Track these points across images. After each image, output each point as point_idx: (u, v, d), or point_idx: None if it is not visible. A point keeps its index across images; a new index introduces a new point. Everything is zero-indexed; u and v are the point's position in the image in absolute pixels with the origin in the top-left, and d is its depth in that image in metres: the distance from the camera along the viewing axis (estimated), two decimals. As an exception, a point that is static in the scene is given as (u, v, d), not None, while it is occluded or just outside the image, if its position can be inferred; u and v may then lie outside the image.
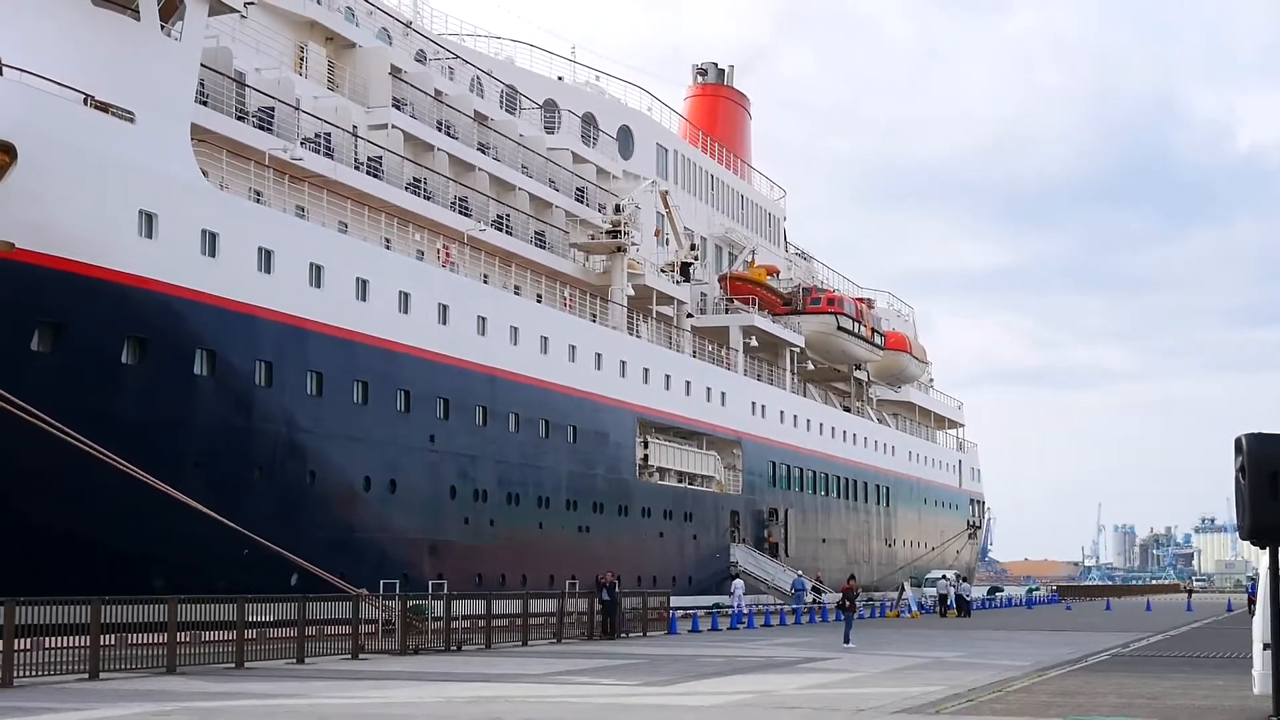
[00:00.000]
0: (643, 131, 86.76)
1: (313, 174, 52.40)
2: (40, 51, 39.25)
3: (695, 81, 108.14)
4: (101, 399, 39.76)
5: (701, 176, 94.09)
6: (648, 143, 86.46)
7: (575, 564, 60.78)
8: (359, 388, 51.01)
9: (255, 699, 25.94)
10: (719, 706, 25.61)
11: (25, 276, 38.26)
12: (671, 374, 76.14)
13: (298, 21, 58.40)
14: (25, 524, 37.20)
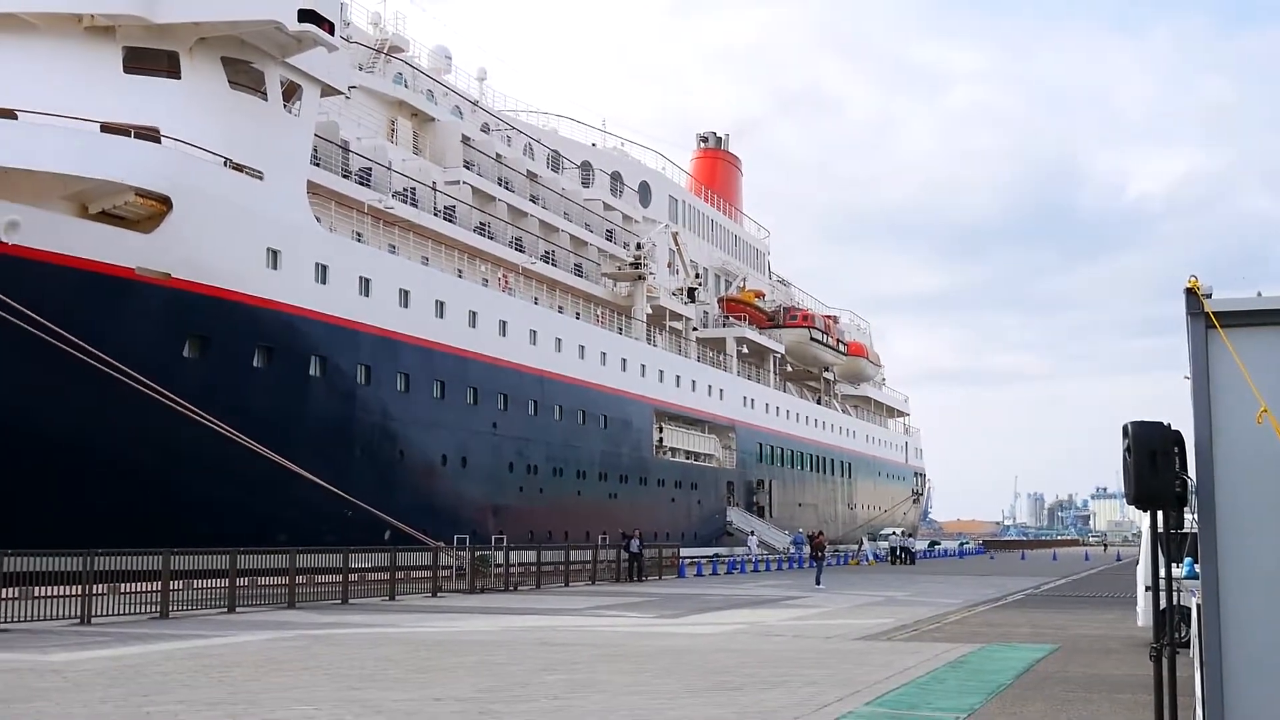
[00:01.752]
0: (658, 186, 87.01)
1: (401, 219, 52.54)
2: (191, 124, 39.38)
3: (699, 146, 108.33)
4: (237, 395, 39.82)
5: (704, 220, 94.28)
6: (662, 195, 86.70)
7: (606, 523, 60.95)
8: (437, 385, 51.14)
9: (357, 628, 26.01)
10: (719, 634, 25.64)
11: (178, 299, 38.42)
12: (681, 374, 76.24)
13: (390, 101, 58.61)
14: (178, 492, 37.35)
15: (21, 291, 33.24)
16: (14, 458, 33.98)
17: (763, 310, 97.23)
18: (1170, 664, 8.91)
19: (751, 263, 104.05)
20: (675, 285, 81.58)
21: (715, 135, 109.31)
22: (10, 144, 36.03)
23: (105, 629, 25.13)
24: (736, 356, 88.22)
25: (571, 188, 74.15)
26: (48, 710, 13.97)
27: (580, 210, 72.76)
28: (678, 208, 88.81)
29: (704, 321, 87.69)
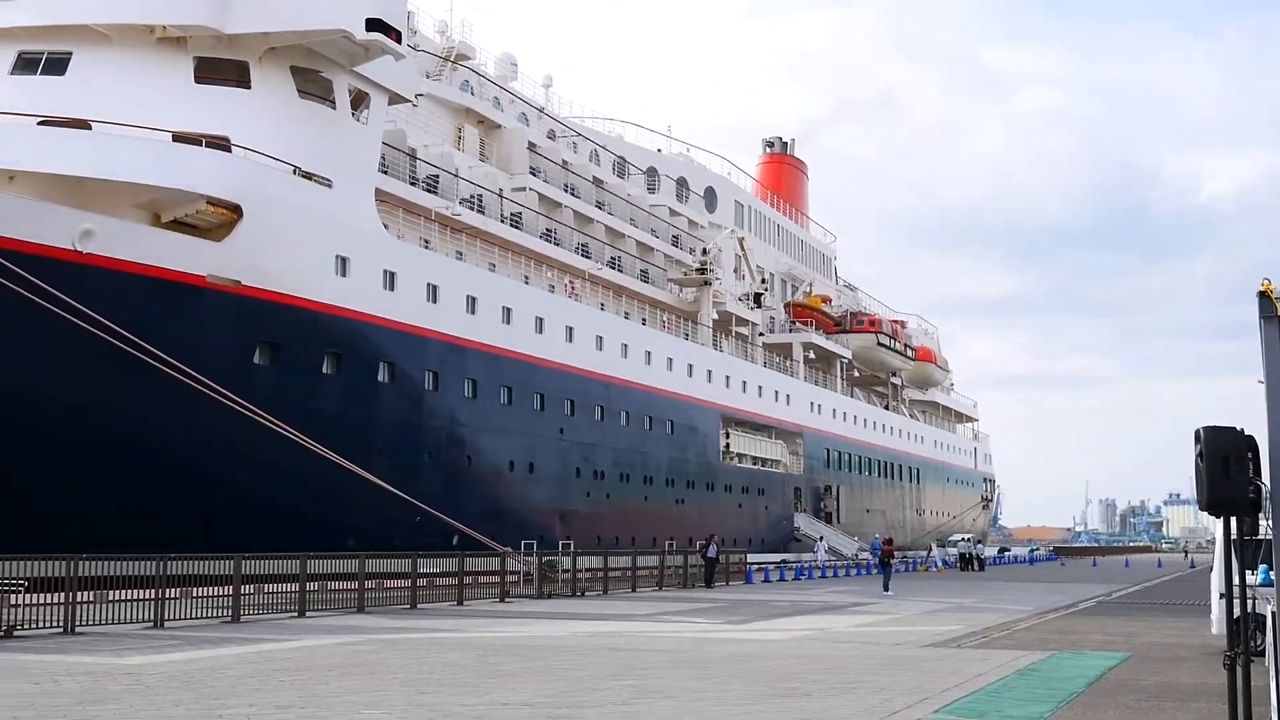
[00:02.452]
0: (724, 191, 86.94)
1: (469, 226, 52.73)
2: (261, 133, 39.70)
3: (764, 151, 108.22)
4: (307, 400, 40.09)
5: (769, 225, 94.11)
6: (728, 200, 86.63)
7: (673, 528, 60.97)
8: (505, 391, 51.29)
9: (426, 632, 26.11)
10: (787, 640, 25.55)
11: (249, 306, 38.75)
12: (747, 380, 76.09)
13: (456, 108, 58.87)
14: (250, 497, 37.63)
15: (96, 299, 33.60)
16: (89, 463, 34.38)
17: (829, 315, 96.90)
18: (1245, 672, 8.81)
19: (818, 267, 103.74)
20: (741, 290, 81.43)
21: (781, 140, 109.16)
22: (84, 154, 36.50)
23: (178, 632, 25.38)
24: (803, 362, 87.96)
25: (637, 193, 74.19)
26: (121, 712, 14.13)
27: (646, 216, 72.75)
28: (743, 213, 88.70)
29: (770, 327, 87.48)
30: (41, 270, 32.82)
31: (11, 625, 24.42)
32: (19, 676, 17.63)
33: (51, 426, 33.85)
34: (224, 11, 39.41)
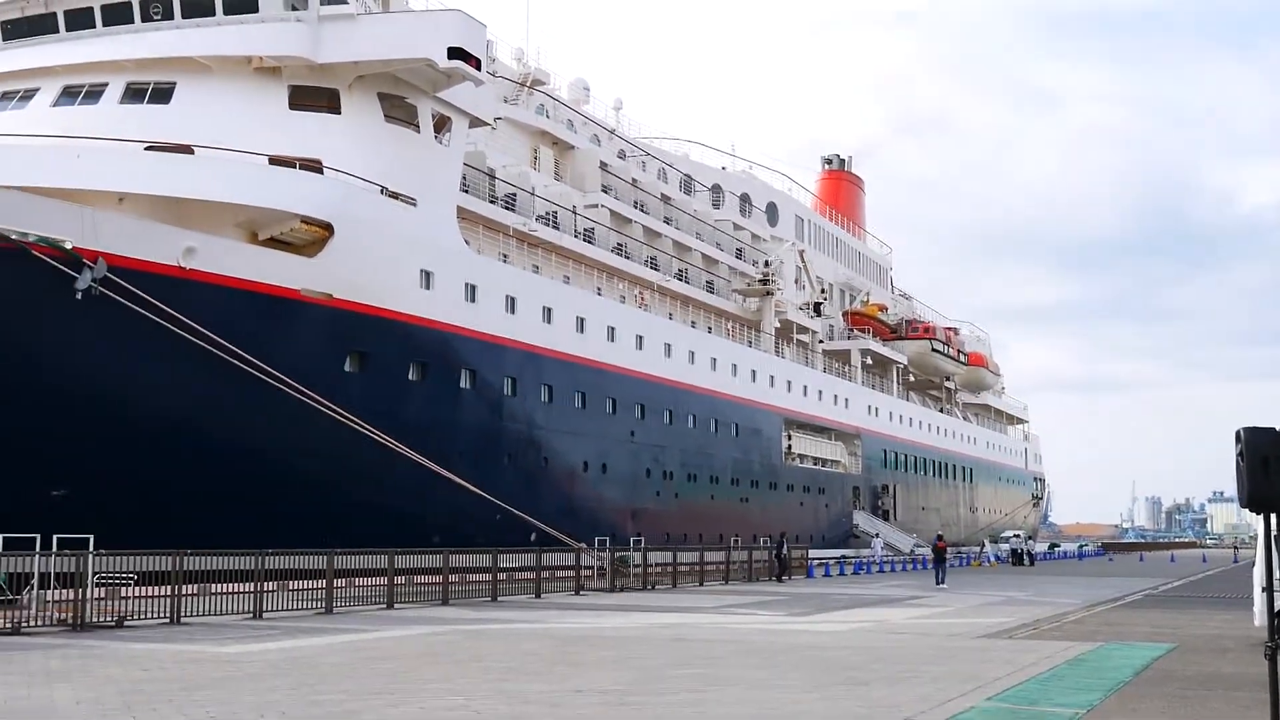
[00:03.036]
0: (785, 206, 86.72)
1: (544, 241, 52.90)
2: (350, 156, 39.99)
3: (823, 168, 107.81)
4: (395, 406, 40.32)
5: (828, 239, 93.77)
6: (789, 214, 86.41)
7: (738, 526, 60.84)
8: (579, 396, 51.38)
9: (506, 623, 26.23)
10: (846, 631, 25.45)
11: (340, 318, 39.02)
12: (808, 385, 75.80)
13: (533, 131, 59.12)
14: (341, 497, 37.85)
15: (198, 311, 34.01)
16: (190, 465, 34.73)
17: (885, 323, 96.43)
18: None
19: (874, 278, 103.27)
20: (802, 300, 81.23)
21: (839, 157, 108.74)
22: (187, 177, 36.89)
23: (275, 623, 25.64)
24: (861, 367, 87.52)
25: (703, 209, 74.18)
26: (222, 698, 14.29)
27: (711, 230, 72.67)
28: (804, 227, 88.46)
29: (829, 334, 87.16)
30: (149, 285, 33.25)
31: (122, 616, 24.80)
32: (129, 664, 17.89)
33: (156, 432, 34.22)
34: (316, 43, 39.78)
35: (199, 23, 39.52)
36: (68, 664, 17.88)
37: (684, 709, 13.80)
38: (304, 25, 39.72)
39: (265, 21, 39.65)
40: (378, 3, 43.66)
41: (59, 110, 38.43)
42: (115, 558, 25.56)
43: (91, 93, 38.93)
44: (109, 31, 39.63)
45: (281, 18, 39.72)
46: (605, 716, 13.22)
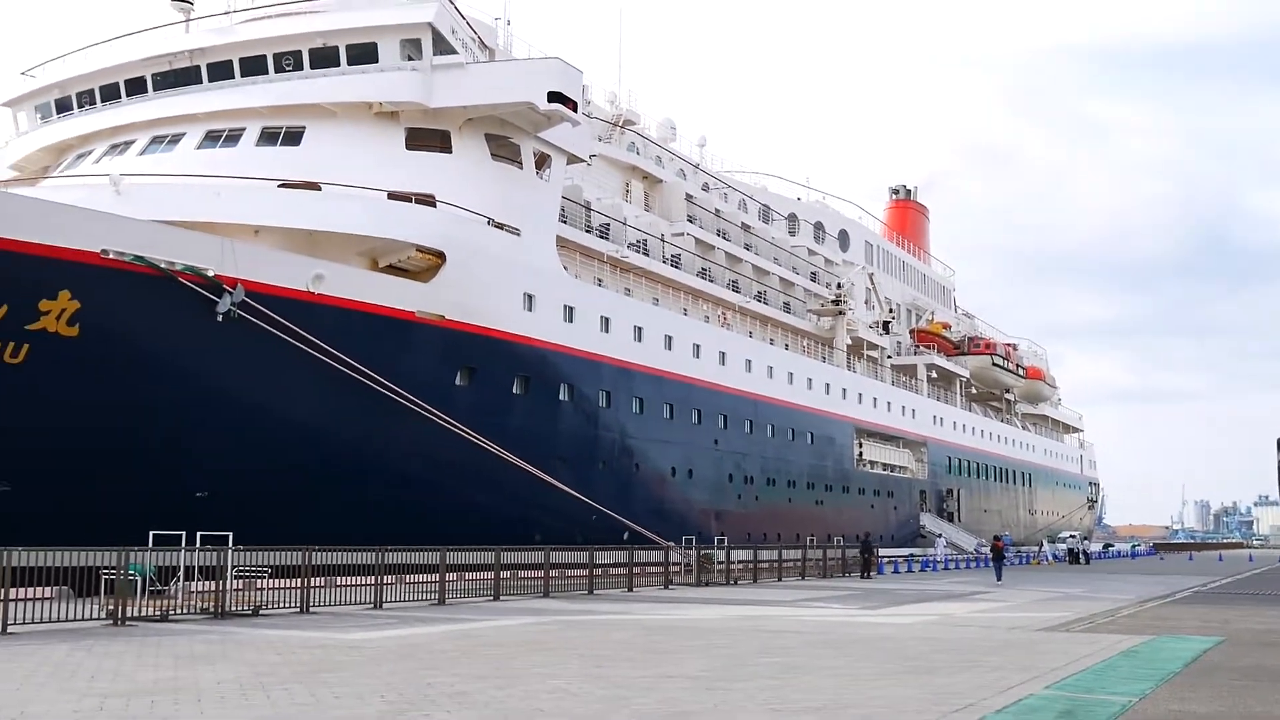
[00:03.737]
0: (855, 233, 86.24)
1: (635, 267, 53.06)
2: (460, 191, 40.36)
3: (891, 197, 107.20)
4: (500, 416, 40.57)
5: (896, 262, 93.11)
6: (859, 240, 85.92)
7: (813, 526, 60.53)
8: (667, 408, 51.41)
9: (601, 615, 26.26)
10: (913, 624, 25.21)
11: (451, 337, 39.37)
12: (877, 397, 75.28)
13: (624, 166, 59.34)
14: (453, 498, 38.14)
15: (326, 331, 34.47)
16: (318, 470, 35.19)
17: (949, 340, 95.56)
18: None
19: (939, 298, 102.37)
20: (871, 319, 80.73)
21: (905, 188, 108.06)
22: (316, 211, 37.44)
23: (393, 613, 25.86)
24: (926, 380, 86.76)
25: (780, 236, 74.00)
26: (347, 679, 14.46)
27: (788, 255, 72.54)
28: (873, 252, 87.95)
29: (897, 350, 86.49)
30: (281, 308, 33.77)
31: (257, 606, 25.15)
32: (264, 649, 18.14)
33: (288, 440, 34.71)
34: (429, 89, 40.20)
35: (325, 73, 40.11)
36: (210, 648, 18.16)
37: (764, 693, 13.76)
38: (419, 74, 40.18)
39: (384, 71, 40.15)
40: (484, 52, 44.08)
41: (202, 152, 39.16)
42: (251, 553, 25.95)
43: (231, 136, 39.63)
44: (246, 81, 40.31)
45: (399, 67, 40.20)
46: (691, 699, 13.21)
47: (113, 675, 14.87)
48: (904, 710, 12.57)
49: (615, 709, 12.51)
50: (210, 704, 12.54)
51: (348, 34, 40.21)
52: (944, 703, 13.08)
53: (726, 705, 12.85)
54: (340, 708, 12.33)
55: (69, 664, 16.05)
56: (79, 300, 30.15)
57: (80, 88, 42.46)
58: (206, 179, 37.09)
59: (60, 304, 29.98)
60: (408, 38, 40.19)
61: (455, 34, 41.24)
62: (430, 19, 39.98)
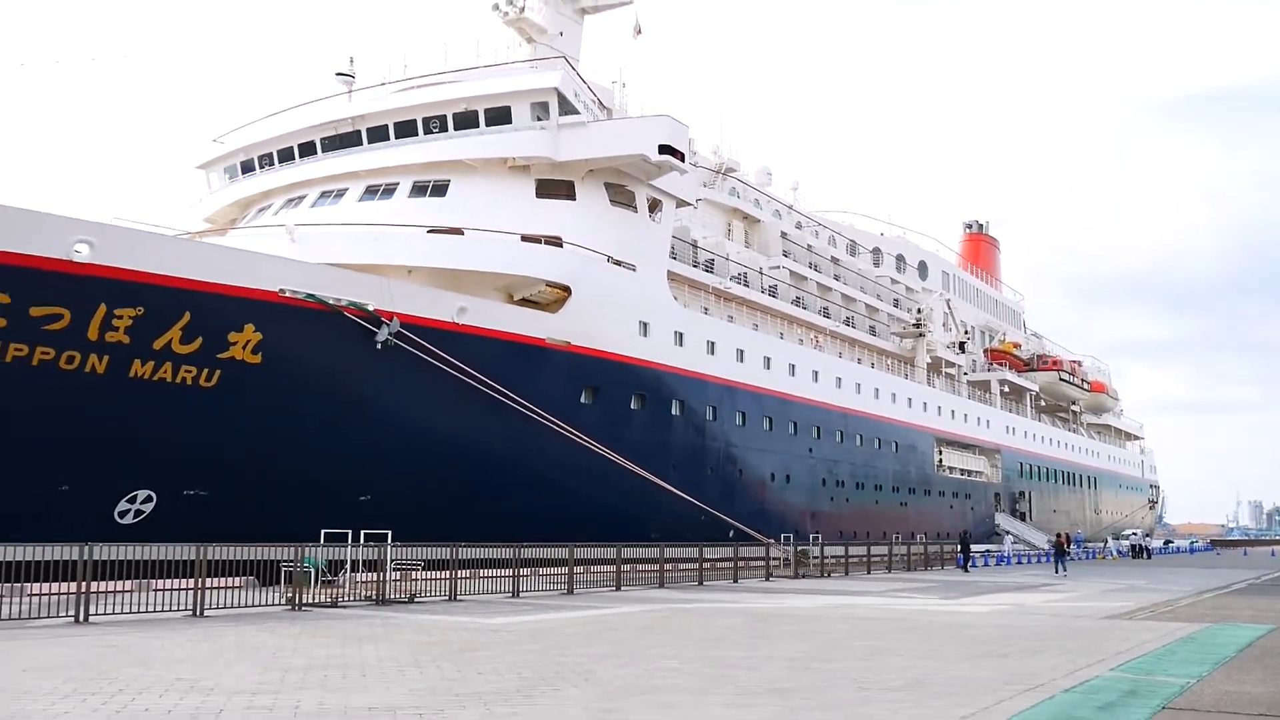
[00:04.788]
0: (933, 263, 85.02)
1: (737, 297, 52.93)
2: (584, 233, 40.63)
3: (965, 231, 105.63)
4: (620, 429, 40.66)
5: (970, 289, 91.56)
6: (937, 270, 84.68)
7: (898, 525, 59.81)
8: (766, 420, 51.14)
9: (709, 603, 26.22)
10: (989, 612, 24.76)
11: (577, 360, 39.61)
12: (955, 409, 74.03)
13: (726, 209, 59.28)
14: (579, 501, 38.19)
15: (468, 357, 34.89)
16: (464, 477, 35.58)
17: (1020, 358, 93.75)
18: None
19: (1009, 321, 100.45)
20: (949, 340, 79.49)
21: (978, 223, 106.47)
22: (460, 253, 37.93)
23: (528, 601, 26.10)
24: (999, 394, 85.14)
25: (865, 268, 73.26)
26: (489, 657, 14.64)
27: (872, 284, 71.76)
28: (949, 280, 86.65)
29: (973, 368, 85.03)
30: (431, 337, 34.27)
31: (413, 594, 25.56)
32: (418, 631, 18.44)
33: (438, 451, 35.16)
34: (556, 145, 40.60)
35: (466, 133, 40.71)
36: (372, 630, 18.51)
37: (854, 673, 13.64)
38: (547, 132, 40.60)
39: (517, 130, 40.62)
40: (603, 112, 44.40)
41: (363, 204, 39.97)
42: (407, 548, 26.40)
43: (387, 190, 40.37)
44: (399, 143, 41.09)
45: (529, 127, 40.66)
46: (789, 678, 13.14)
47: (291, 651, 15.24)
48: (982, 689, 12.37)
49: (721, 685, 12.50)
50: (373, 677, 12.79)
51: (485, 99, 40.81)
52: (1018, 682, 12.85)
53: (821, 683, 12.77)
54: (483, 682, 12.49)
55: (255, 642, 16.48)
56: (261, 332, 30.88)
57: (261, 151, 43.67)
58: (367, 227, 37.83)
59: (246, 335, 30.73)
60: (537, 101, 40.65)
61: (577, 96, 41.63)
62: (556, 84, 40.42)
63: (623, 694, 11.76)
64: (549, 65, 42.57)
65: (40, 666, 13.61)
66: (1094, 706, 11.24)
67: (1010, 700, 11.53)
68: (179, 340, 29.50)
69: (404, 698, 11.35)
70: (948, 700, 11.57)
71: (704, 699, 11.54)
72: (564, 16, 46.72)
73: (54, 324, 27.60)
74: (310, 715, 10.36)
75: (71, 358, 28.04)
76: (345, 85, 42.85)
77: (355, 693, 11.66)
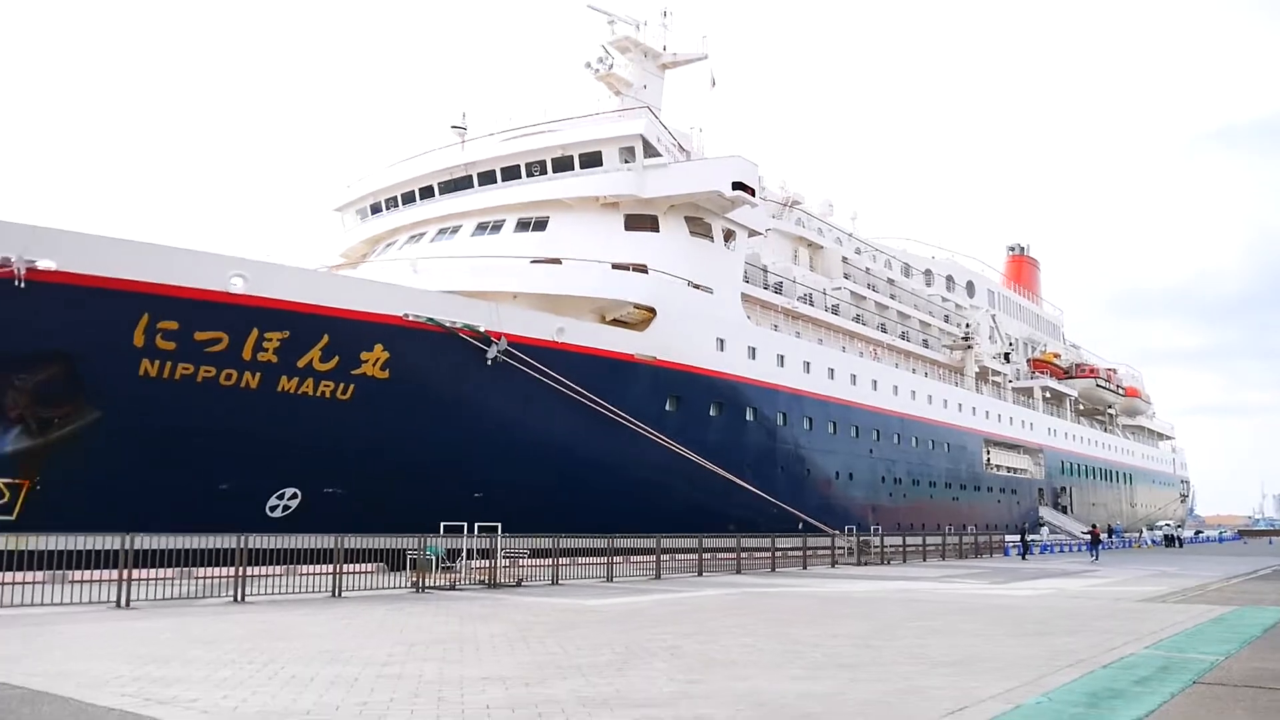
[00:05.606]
0: (980, 283, 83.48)
1: (803, 315, 52.59)
2: (667, 261, 40.78)
3: (1008, 253, 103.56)
4: (700, 433, 40.57)
5: (1013, 305, 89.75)
6: (983, 289, 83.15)
7: (950, 518, 58.80)
8: (831, 425, 50.68)
9: (780, 587, 26.04)
10: (1033, 596, 24.24)
11: (661, 373, 39.66)
12: (1001, 413, 72.61)
13: (793, 237, 58.94)
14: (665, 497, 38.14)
15: (567, 371, 35.13)
16: (563, 476, 35.71)
17: (1060, 366, 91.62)
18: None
19: (1050, 333, 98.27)
20: (994, 351, 78.05)
21: (1020, 245, 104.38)
22: (558, 280, 38.25)
23: (620, 585, 26.16)
24: (1041, 400, 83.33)
25: (918, 287, 72.23)
26: (585, 634, 14.72)
27: (924, 302, 70.76)
28: (994, 298, 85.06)
29: (1016, 376, 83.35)
30: (534, 354, 34.58)
31: (520, 579, 25.77)
32: (523, 611, 18.59)
33: (541, 454, 35.40)
34: (642, 184, 40.82)
35: (563, 175, 41.10)
36: (485, 610, 18.71)
37: (911, 649, 13.47)
38: (633, 173, 40.82)
39: (607, 172, 40.93)
40: (682, 154, 44.50)
41: (474, 239, 40.52)
42: (515, 539, 26.64)
43: (495, 226, 40.91)
44: (505, 185, 41.62)
45: (618, 169, 40.93)
46: (852, 653, 13.03)
47: (415, 629, 15.48)
48: (1028, 663, 12.15)
49: (792, 659, 12.43)
50: (485, 651, 12.95)
51: (579, 145, 41.17)
52: (1060, 658, 12.59)
53: (882, 658, 12.63)
54: (581, 655, 12.58)
55: (385, 620, 16.77)
56: (388, 351, 31.43)
57: (387, 195, 44.54)
58: (478, 259, 38.35)
59: (375, 354, 31.30)
60: (624, 145, 40.91)
61: (659, 141, 41.79)
62: (641, 131, 40.63)
63: (704, 667, 11.76)
64: (634, 114, 42.81)
65: (205, 639, 14.01)
66: (1130, 680, 10.98)
67: (1053, 675, 11.30)
68: (319, 359, 30.15)
69: (512, 669, 11.47)
70: (995, 674, 11.38)
71: (777, 671, 11.49)
72: (647, 72, 46.96)
73: (214, 346, 28.41)
74: (432, 683, 10.53)
75: (229, 375, 28.82)
76: (458, 136, 43.55)
77: (470, 665, 11.82)
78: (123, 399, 27.46)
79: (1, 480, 26.77)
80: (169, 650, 12.85)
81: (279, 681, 10.57)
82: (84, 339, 26.75)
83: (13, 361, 26.48)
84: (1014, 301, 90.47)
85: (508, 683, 10.57)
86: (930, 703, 9.66)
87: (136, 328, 27.22)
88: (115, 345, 27.15)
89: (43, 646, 13.16)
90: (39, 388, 26.87)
